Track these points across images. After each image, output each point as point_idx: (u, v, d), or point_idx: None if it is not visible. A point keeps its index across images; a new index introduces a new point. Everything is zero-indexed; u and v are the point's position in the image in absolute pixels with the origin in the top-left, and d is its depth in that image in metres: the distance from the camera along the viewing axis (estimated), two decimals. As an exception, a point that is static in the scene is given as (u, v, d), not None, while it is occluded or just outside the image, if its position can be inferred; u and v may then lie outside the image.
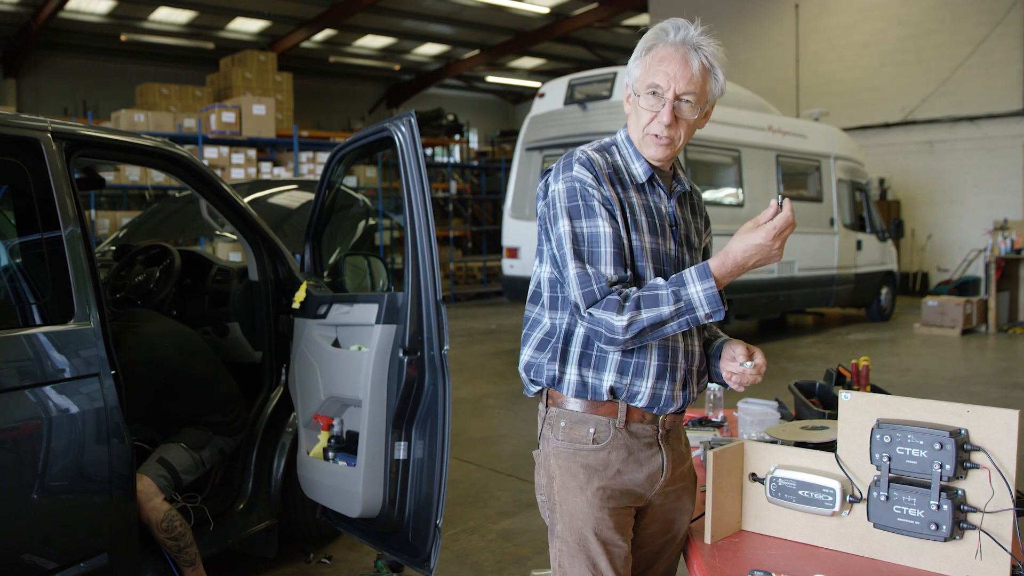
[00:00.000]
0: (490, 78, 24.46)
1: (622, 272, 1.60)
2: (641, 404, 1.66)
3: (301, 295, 3.36)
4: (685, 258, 1.73)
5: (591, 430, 1.67)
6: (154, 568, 2.77)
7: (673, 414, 1.72)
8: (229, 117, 11.35)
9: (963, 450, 1.52)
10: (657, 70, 1.63)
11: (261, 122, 11.66)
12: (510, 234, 9.53)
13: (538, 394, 1.76)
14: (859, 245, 10.99)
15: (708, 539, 1.74)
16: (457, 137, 18.26)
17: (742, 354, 1.70)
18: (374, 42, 20.22)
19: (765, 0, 16.22)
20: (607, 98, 8.62)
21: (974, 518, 1.52)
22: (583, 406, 1.68)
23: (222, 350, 3.49)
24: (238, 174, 10.98)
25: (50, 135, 2.52)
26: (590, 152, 1.69)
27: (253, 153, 11.46)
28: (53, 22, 16.02)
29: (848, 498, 1.66)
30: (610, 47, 21.25)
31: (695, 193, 1.84)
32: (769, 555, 1.69)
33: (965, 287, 12.67)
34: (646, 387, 1.65)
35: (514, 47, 20.43)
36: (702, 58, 1.63)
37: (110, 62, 18.83)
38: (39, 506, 2.33)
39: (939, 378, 7.55)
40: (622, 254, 1.62)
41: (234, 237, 3.93)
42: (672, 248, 1.71)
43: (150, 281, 3.54)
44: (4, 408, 2.24)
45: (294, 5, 16.67)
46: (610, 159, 1.71)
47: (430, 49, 21.19)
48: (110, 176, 10.42)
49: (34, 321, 2.41)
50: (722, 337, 1.82)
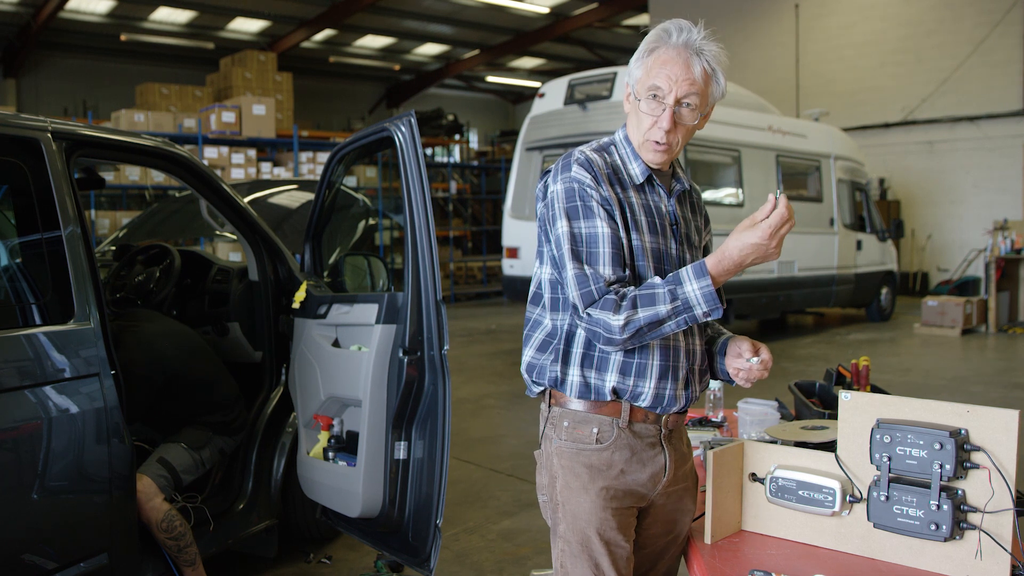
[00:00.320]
0: (490, 78, 24.46)
1: (621, 272, 1.60)
2: (644, 404, 1.66)
3: (301, 295, 3.36)
4: (686, 257, 1.73)
5: (594, 430, 1.67)
6: (154, 568, 2.77)
7: (675, 414, 1.72)
8: (229, 117, 11.35)
9: (963, 450, 1.52)
10: (659, 73, 1.62)
11: (261, 122, 11.66)
12: (510, 234, 9.54)
13: (540, 394, 1.76)
14: (859, 245, 11.00)
15: (708, 539, 1.74)
16: (457, 137, 18.26)
17: (748, 350, 1.70)
18: (374, 42, 20.22)
19: (765, 0, 16.22)
20: (607, 98, 8.62)
21: (974, 518, 1.52)
22: (586, 406, 1.67)
23: (222, 350, 3.49)
24: (238, 174, 10.98)
25: (50, 135, 2.52)
26: (588, 152, 1.68)
27: (253, 153, 11.46)
28: (53, 22, 16.02)
29: (848, 498, 1.66)
30: (610, 47, 21.26)
31: (694, 191, 1.84)
32: (769, 555, 1.69)
33: (965, 287, 12.67)
34: (649, 387, 1.65)
35: (514, 47, 20.43)
36: (704, 62, 1.62)
37: (110, 62, 18.83)
38: (39, 506, 2.33)
39: (939, 378, 7.55)
40: (620, 254, 1.61)
41: (234, 237, 3.93)
42: (673, 247, 1.70)
43: (150, 281, 3.54)
44: (4, 408, 2.24)
45: (294, 5, 16.68)
46: (609, 159, 1.71)
47: (430, 49, 21.20)
48: (110, 176, 10.42)
49: (34, 321, 2.41)
50: (726, 334, 1.82)
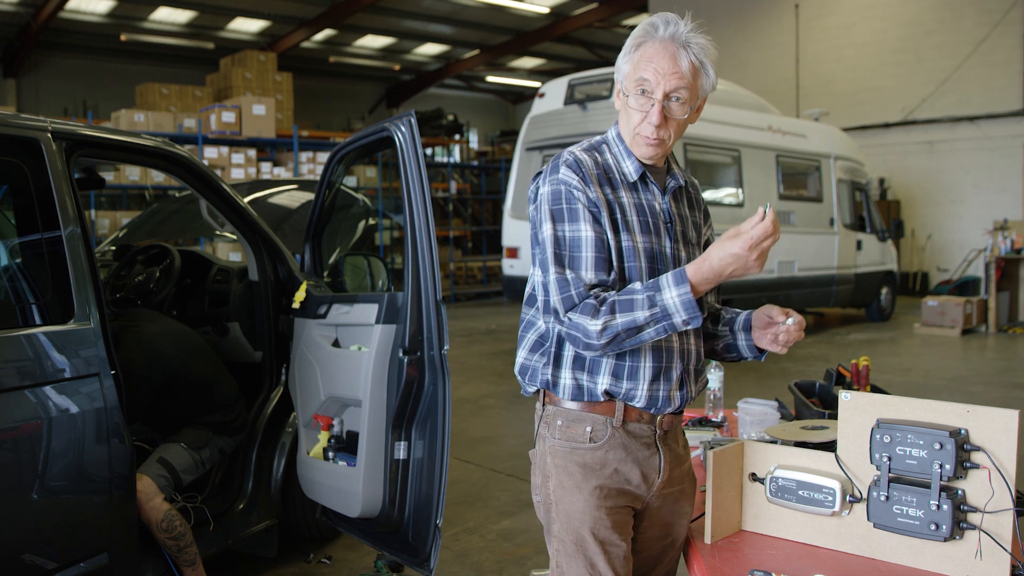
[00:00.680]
0: (490, 78, 24.46)
1: (603, 276, 1.58)
2: (639, 405, 1.65)
3: (301, 295, 3.36)
4: (681, 255, 1.70)
5: (588, 429, 1.66)
6: (154, 568, 2.77)
7: (671, 414, 1.71)
8: (229, 117, 11.35)
9: (963, 450, 1.52)
10: (646, 67, 1.60)
11: (261, 122, 11.66)
12: (510, 234, 9.54)
13: (535, 393, 1.76)
14: (859, 245, 11.00)
15: (708, 539, 1.74)
16: (457, 137, 18.26)
17: (779, 313, 1.66)
18: (374, 42, 20.22)
19: (765, 0, 16.22)
20: (607, 98, 8.62)
21: (974, 518, 1.52)
22: (580, 405, 1.67)
23: (222, 350, 3.49)
24: (238, 174, 10.98)
25: (50, 135, 2.52)
26: (578, 153, 1.67)
27: (253, 153, 11.46)
28: (53, 22, 16.02)
29: (848, 498, 1.66)
30: (610, 47, 21.26)
31: (691, 186, 1.81)
32: (769, 555, 1.68)
33: (965, 287, 12.67)
34: (642, 389, 1.64)
35: (514, 47, 20.43)
36: (692, 55, 1.60)
37: (110, 62, 18.83)
38: (39, 506, 2.33)
39: (939, 378, 7.55)
40: (604, 258, 1.59)
41: (234, 237, 3.93)
42: (667, 246, 1.68)
43: (150, 281, 3.54)
44: (4, 408, 2.24)
45: (294, 5, 16.68)
46: (600, 158, 1.69)
47: (430, 49, 21.19)
48: (110, 176, 10.43)
49: (34, 321, 2.41)
50: (741, 312, 1.79)
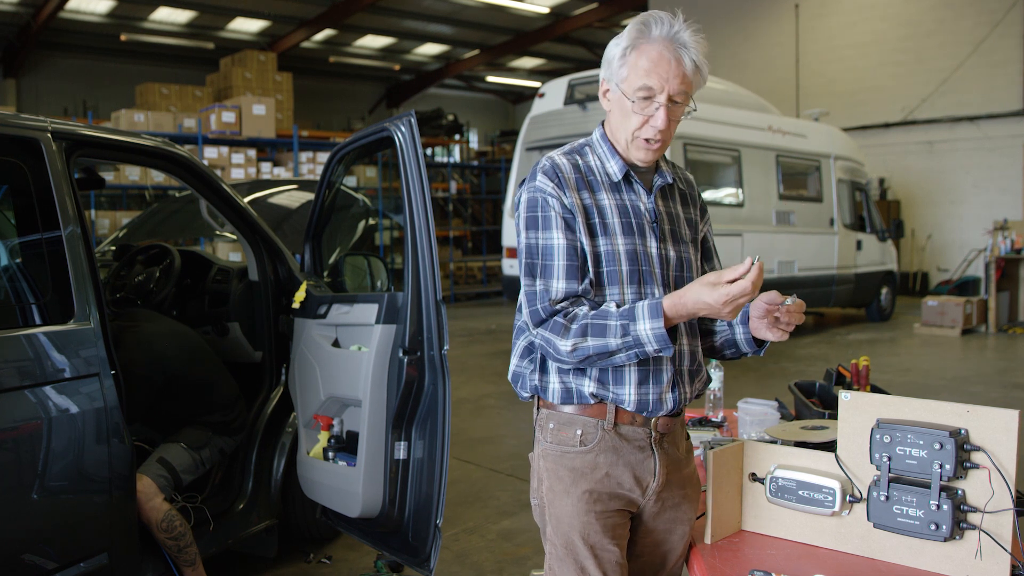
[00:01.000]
0: (490, 78, 24.45)
1: (575, 286, 1.58)
2: (628, 407, 1.64)
3: (301, 295, 3.36)
4: (669, 254, 1.69)
5: (578, 432, 1.65)
6: (154, 568, 2.77)
7: (667, 416, 1.68)
8: (229, 117, 11.35)
9: (963, 450, 1.52)
10: (649, 71, 1.58)
11: (261, 122, 11.66)
12: (510, 234, 9.55)
13: (530, 398, 1.76)
14: (859, 245, 11.00)
15: (708, 539, 1.74)
16: (457, 137, 18.26)
17: (776, 297, 1.63)
18: (374, 42, 20.22)
19: (765, 0, 16.22)
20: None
21: (974, 518, 1.52)
22: (572, 408, 1.66)
23: (222, 350, 3.48)
24: (238, 174, 10.98)
25: (50, 135, 2.52)
26: (556, 158, 1.66)
27: (253, 153, 11.46)
28: (53, 22, 16.01)
29: (848, 498, 1.66)
30: (610, 47, 21.22)
31: (683, 182, 1.80)
32: (769, 555, 1.68)
33: (965, 287, 12.67)
34: (629, 393, 1.63)
35: (514, 47, 20.42)
36: (692, 56, 1.59)
37: (110, 62, 18.82)
38: (39, 506, 2.33)
39: (939, 378, 7.55)
40: (576, 266, 1.59)
41: (234, 237, 3.93)
42: (653, 246, 1.66)
43: (150, 281, 3.54)
44: (4, 408, 2.24)
45: (294, 5, 16.67)
46: (582, 161, 1.67)
47: (430, 49, 21.19)
48: (110, 176, 10.42)
49: (34, 321, 2.41)
50: None
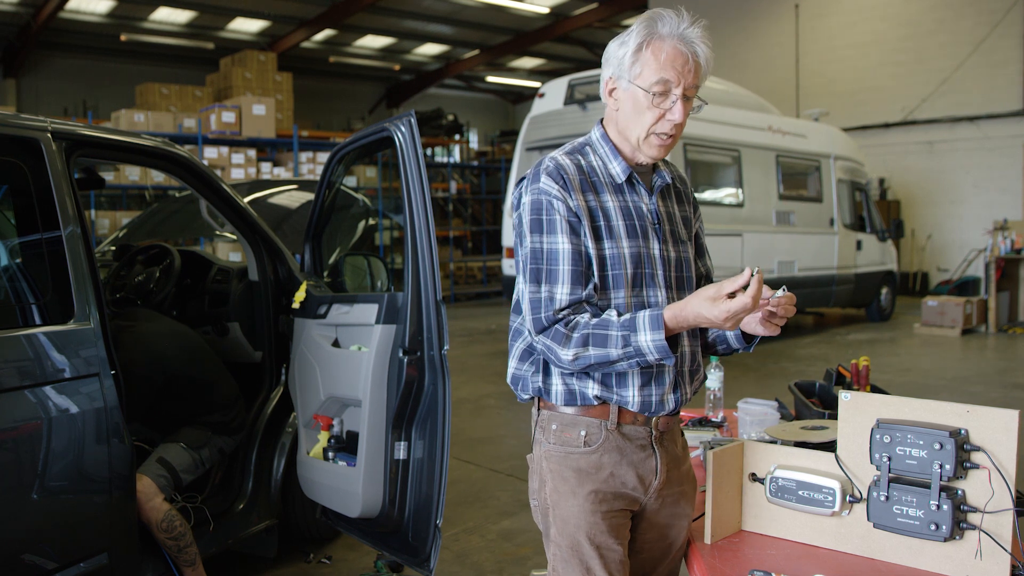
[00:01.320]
0: (490, 78, 24.45)
1: (579, 292, 1.57)
2: (632, 408, 1.64)
3: (301, 295, 3.36)
4: (670, 255, 1.69)
5: (582, 432, 1.65)
6: (154, 568, 2.77)
7: (667, 416, 1.69)
8: (229, 117, 11.35)
9: (963, 450, 1.52)
10: (665, 65, 1.57)
11: (261, 122, 11.66)
12: (510, 234, 9.53)
13: (530, 399, 1.76)
14: (859, 245, 11.00)
15: (708, 539, 1.74)
16: (457, 137, 18.26)
17: (767, 289, 1.60)
18: (374, 42, 20.22)
19: (765, 0, 16.22)
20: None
21: (974, 518, 1.52)
22: (574, 409, 1.66)
23: (222, 350, 3.48)
24: (238, 174, 10.98)
25: (50, 135, 2.52)
26: (560, 158, 1.64)
27: (253, 153, 11.46)
28: (53, 22, 16.01)
29: (848, 498, 1.66)
30: (610, 47, 21.21)
31: (678, 180, 1.80)
32: (769, 555, 1.69)
33: (965, 287, 12.67)
34: (633, 394, 1.63)
35: (514, 47, 20.42)
36: (703, 50, 1.60)
37: (110, 62, 18.82)
38: (39, 506, 2.33)
39: (939, 378, 7.55)
40: (581, 271, 1.58)
41: (234, 237, 3.93)
42: (655, 248, 1.67)
43: (150, 281, 3.54)
44: (4, 408, 2.24)
45: (294, 5, 16.67)
46: (584, 161, 1.66)
47: (430, 49, 21.19)
48: (110, 176, 10.42)
49: (34, 321, 2.41)
50: None
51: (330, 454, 3.15)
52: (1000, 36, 13.45)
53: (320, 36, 18.82)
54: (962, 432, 1.53)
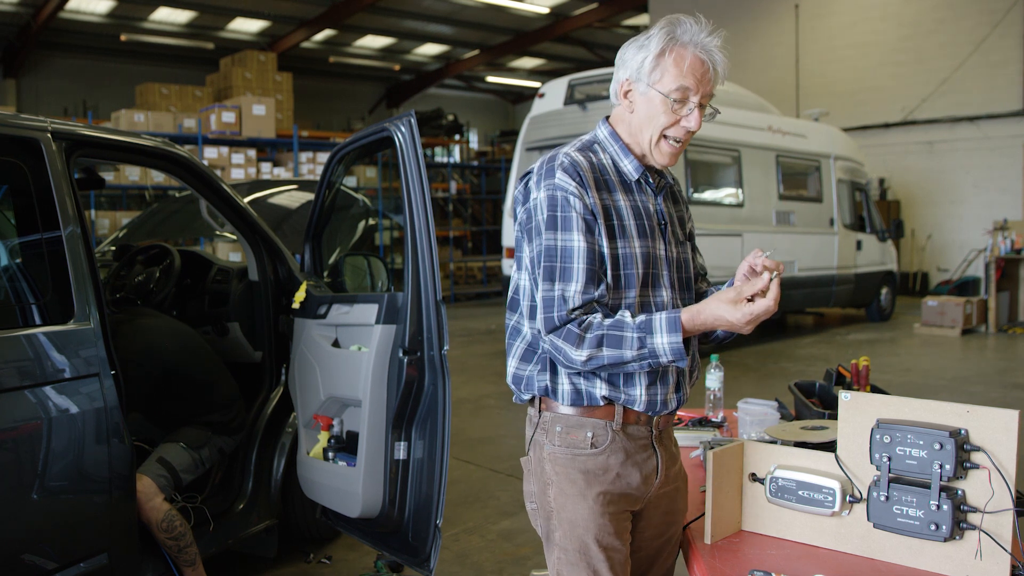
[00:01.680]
0: (490, 78, 24.46)
1: (592, 291, 1.56)
2: (638, 408, 1.64)
3: (301, 295, 3.36)
4: (674, 255, 1.70)
5: (589, 434, 1.64)
6: (154, 568, 2.77)
7: (667, 415, 1.71)
8: (229, 117, 11.35)
9: (963, 450, 1.52)
10: (686, 74, 1.58)
11: (261, 122, 11.66)
12: (510, 234, 9.54)
13: (529, 400, 1.73)
14: (859, 245, 11.00)
15: (708, 539, 1.74)
16: (457, 137, 18.26)
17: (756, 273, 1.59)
18: (374, 42, 20.22)
19: (765, 0, 16.22)
20: (607, 98, 8.60)
21: (974, 518, 1.52)
22: (579, 410, 1.65)
23: (222, 350, 3.48)
24: (238, 174, 10.98)
25: (50, 135, 2.52)
26: (574, 154, 1.62)
27: (253, 153, 11.46)
28: (53, 22, 16.01)
29: (848, 498, 1.65)
30: (610, 47, 21.24)
31: (675, 182, 1.82)
32: (769, 555, 1.68)
33: (965, 287, 12.67)
34: (640, 394, 1.63)
35: (514, 47, 20.43)
36: (720, 60, 1.61)
37: (110, 62, 18.82)
38: (39, 506, 2.33)
39: (939, 378, 7.54)
40: (595, 270, 1.57)
41: (234, 237, 3.93)
42: (662, 248, 1.67)
43: (150, 281, 3.54)
44: (4, 408, 2.24)
45: (294, 5, 16.67)
46: (595, 159, 1.65)
47: (430, 49, 21.19)
48: (110, 176, 10.42)
49: (34, 321, 2.41)
50: (709, 291, 1.79)
51: (330, 454, 3.14)
52: (1000, 36, 13.45)
53: (320, 36, 18.82)
54: (962, 432, 1.53)
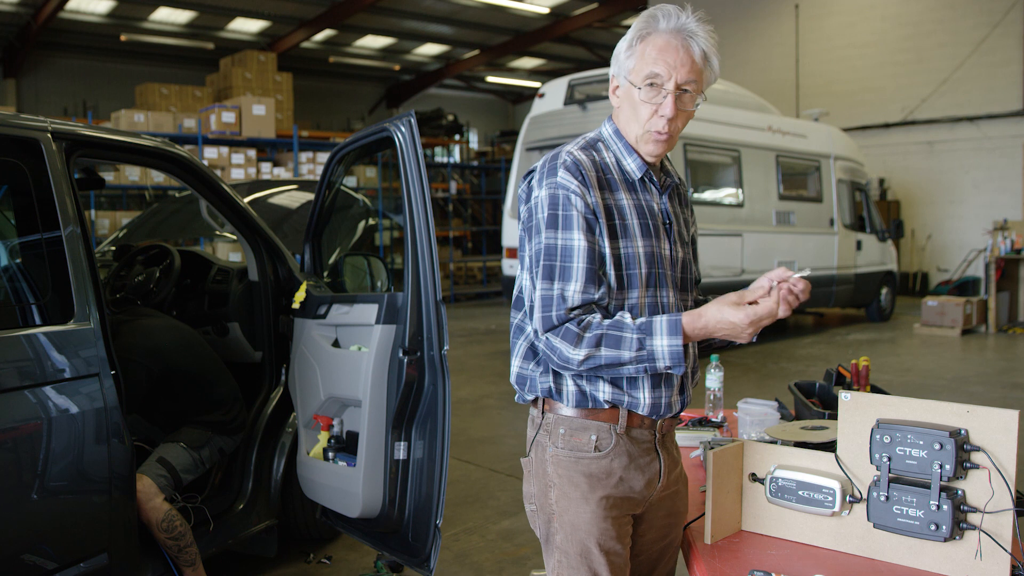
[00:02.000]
0: (490, 78, 24.45)
1: (592, 292, 1.54)
2: (642, 411, 1.62)
3: (301, 295, 3.36)
4: (678, 256, 1.68)
5: (593, 437, 1.61)
6: (154, 568, 2.77)
7: (669, 419, 1.69)
8: (229, 117, 11.35)
9: (963, 450, 1.52)
10: (657, 59, 1.56)
11: (261, 122, 11.66)
12: (510, 234, 9.54)
13: (532, 400, 1.71)
14: (859, 245, 11.00)
15: (708, 539, 1.74)
16: (457, 137, 18.27)
17: (786, 271, 1.54)
18: (374, 42, 20.22)
19: (765, 0, 16.22)
20: (607, 98, 8.60)
21: (974, 518, 1.52)
22: (583, 413, 1.63)
23: (222, 350, 3.48)
24: (238, 174, 10.98)
25: (50, 135, 2.52)
26: (576, 153, 1.60)
27: (253, 153, 11.46)
28: (53, 22, 16.01)
29: (848, 498, 1.65)
30: (610, 47, 20.99)
31: (681, 183, 1.80)
32: (769, 555, 1.68)
33: (965, 287, 12.67)
34: (644, 397, 1.61)
35: (514, 47, 20.42)
36: (700, 44, 1.57)
37: (110, 62, 18.82)
38: (39, 506, 2.33)
39: (939, 378, 7.55)
40: (595, 270, 1.55)
41: (234, 237, 3.93)
42: (666, 248, 1.65)
43: (150, 281, 3.54)
44: (4, 408, 2.24)
45: (294, 5, 16.67)
46: (598, 157, 1.63)
47: (430, 49, 21.19)
48: (110, 176, 10.43)
49: (34, 321, 2.41)
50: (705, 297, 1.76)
51: (330, 454, 3.14)
52: (1000, 36, 13.46)
53: (320, 36, 18.82)
54: (962, 432, 1.53)
